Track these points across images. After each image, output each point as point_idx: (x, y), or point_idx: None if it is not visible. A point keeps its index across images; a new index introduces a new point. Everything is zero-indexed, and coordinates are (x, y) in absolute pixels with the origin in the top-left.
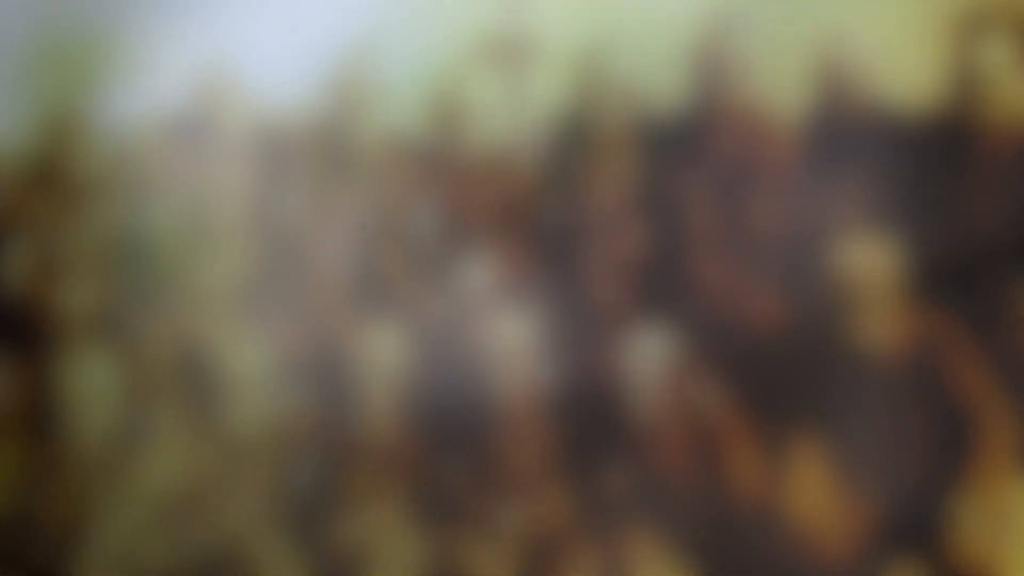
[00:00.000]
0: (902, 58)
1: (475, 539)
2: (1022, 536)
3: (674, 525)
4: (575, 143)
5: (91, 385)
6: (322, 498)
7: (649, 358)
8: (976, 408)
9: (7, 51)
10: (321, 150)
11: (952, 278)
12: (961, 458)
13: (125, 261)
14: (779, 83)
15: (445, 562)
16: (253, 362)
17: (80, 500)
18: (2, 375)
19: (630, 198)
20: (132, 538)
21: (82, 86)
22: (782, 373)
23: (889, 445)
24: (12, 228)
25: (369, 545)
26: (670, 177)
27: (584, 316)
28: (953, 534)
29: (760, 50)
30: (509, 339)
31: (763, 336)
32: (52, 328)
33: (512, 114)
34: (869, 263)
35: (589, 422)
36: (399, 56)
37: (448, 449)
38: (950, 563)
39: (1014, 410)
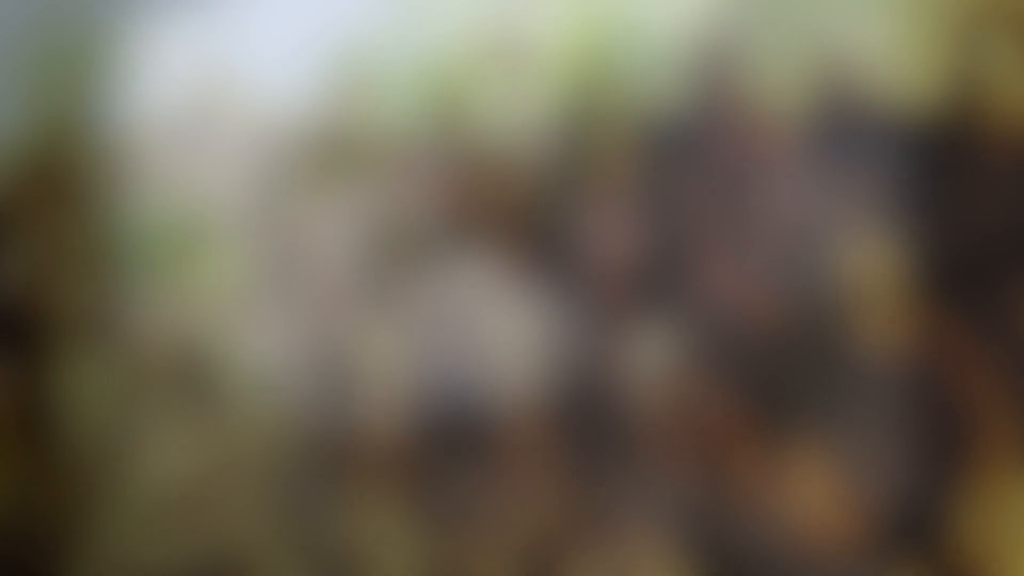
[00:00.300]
0: (905, 58)
1: (476, 540)
2: (1022, 536)
3: (674, 525)
4: (576, 143)
5: (88, 386)
6: (322, 498)
7: (650, 358)
8: (977, 408)
9: (5, 50)
10: (321, 150)
11: (955, 279)
12: (961, 458)
13: (124, 261)
14: (781, 83)
15: (446, 563)
16: (253, 363)
17: (78, 503)
18: None
19: (630, 198)
20: (130, 541)
21: (81, 86)
22: (783, 373)
23: (890, 445)
24: (10, 228)
25: (370, 546)
26: (671, 177)
27: (585, 316)
28: (953, 534)
29: (762, 50)
30: (510, 339)
31: (765, 336)
32: (49, 329)
33: (513, 114)
34: (871, 263)
35: (590, 422)
36: (399, 56)
37: (449, 449)
38: (950, 563)
39: (1016, 411)
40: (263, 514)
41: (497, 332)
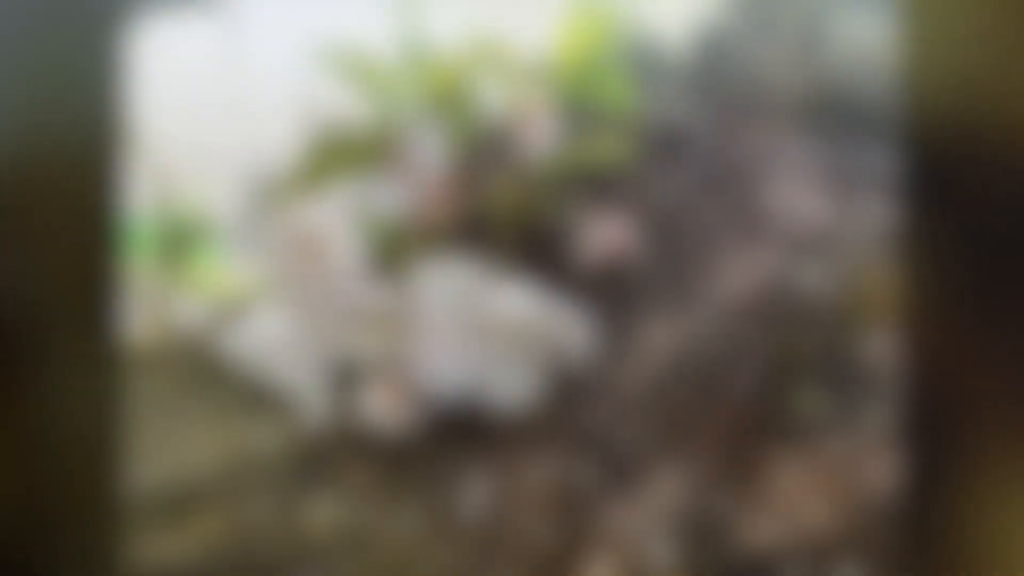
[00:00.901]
0: (909, 60)
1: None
2: (1022, 536)
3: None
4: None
5: (86, 386)
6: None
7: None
8: (978, 409)
9: (3, 49)
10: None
11: (956, 279)
12: (961, 459)
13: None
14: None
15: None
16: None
17: (74, 505)
18: None
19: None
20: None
21: (80, 85)
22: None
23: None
24: (8, 227)
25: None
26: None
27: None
28: (953, 535)
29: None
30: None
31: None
32: (46, 328)
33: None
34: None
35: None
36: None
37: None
38: (950, 563)
39: (1016, 412)
40: (263, 514)
41: (497, 330)
